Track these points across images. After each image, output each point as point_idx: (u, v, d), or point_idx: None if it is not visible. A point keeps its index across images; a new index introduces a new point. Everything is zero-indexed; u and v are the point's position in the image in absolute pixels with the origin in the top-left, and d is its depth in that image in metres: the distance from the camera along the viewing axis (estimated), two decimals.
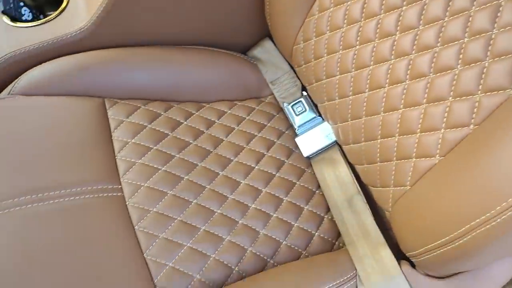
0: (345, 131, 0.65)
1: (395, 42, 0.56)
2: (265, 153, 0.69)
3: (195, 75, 0.74)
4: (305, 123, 0.73)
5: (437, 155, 0.51)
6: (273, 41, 0.80)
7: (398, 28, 0.55)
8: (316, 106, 0.74)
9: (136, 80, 0.71)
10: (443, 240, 0.47)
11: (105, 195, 0.59)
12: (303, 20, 0.68)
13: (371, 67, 0.59)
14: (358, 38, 0.60)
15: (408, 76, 0.54)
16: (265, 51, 0.81)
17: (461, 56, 0.49)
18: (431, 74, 0.52)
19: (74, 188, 0.58)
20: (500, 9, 0.46)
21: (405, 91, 0.54)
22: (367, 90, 0.59)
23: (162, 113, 0.69)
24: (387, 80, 0.57)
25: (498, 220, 0.41)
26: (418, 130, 0.53)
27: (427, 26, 0.52)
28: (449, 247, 0.47)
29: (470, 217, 0.44)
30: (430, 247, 0.50)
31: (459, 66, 0.49)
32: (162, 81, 0.72)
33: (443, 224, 0.47)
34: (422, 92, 0.52)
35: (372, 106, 0.59)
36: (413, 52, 0.54)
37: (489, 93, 0.47)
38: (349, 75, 0.62)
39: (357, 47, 0.61)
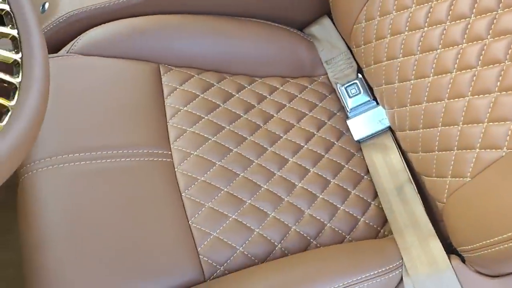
0: (402, 116, 0.62)
1: (469, 25, 0.53)
2: (315, 132, 0.68)
3: (249, 49, 0.73)
4: (358, 106, 0.71)
5: (505, 147, 0.48)
6: (332, 20, 0.78)
7: (474, 10, 0.52)
8: (371, 89, 0.71)
9: (191, 49, 0.70)
10: (504, 236, 0.45)
11: (155, 159, 0.59)
12: None
13: (438, 50, 0.56)
14: (427, 20, 0.57)
15: (480, 62, 0.51)
16: (323, 29, 0.78)
17: None
18: (506, 61, 0.49)
19: (125, 149, 0.58)
20: None
21: (474, 77, 0.52)
22: (431, 74, 0.57)
23: (215, 83, 0.68)
24: (456, 66, 0.54)
25: None
26: (486, 119, 0.50)
27: (506, 9, 0.49)
28: (509, 244, 0.45)
29: None
30: (488, 242, 0.47)
31: None
32: (217, 52, 0.71)
33: (506, 219, 0.45)
34: (495, 80, 0.49)
35: (435, 91, 0.56)
36: (489, 37, 0.50)
37: None
38: (413, 58, 0.59)
39: (425, 29, 0.58)
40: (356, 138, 0.69)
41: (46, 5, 0.72)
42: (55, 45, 0.68)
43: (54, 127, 0.59)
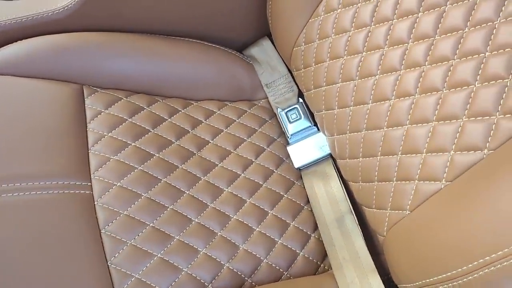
0: (341, 144, 0.59)
1: (407, 51, 0.51)
2: (253, 160, 0.64)
3: (184, 70, 0.68)
4: (298, 131, 0.68)
5: (444, 180, 0.46)
6: (272, 41, 0.75)
7: (412, 36, 0.50)
8: (312, 114, 0.69)
9: (120, 69, 0.65)
10: (444, 275, 0.42)
11: (71, 192, 0.53)
12: (307, 20, 0.63)
13: (377, 76, 0.54)
14: (366, 44, 0.55)
15: (418, 89, 0.49)
16: (262, 51, 0.75)
17: (480, 72, 0.44)
18: (444, 89, 0.47)
19: (37, 181, 0.52)
20: None
21: (413, 105, 0.49)
22: (370, 101, 0.54)
23: (145, 107, 0.63)
24: (394, 92, 0.51)
25: None
26: (424, 149, 0.48)
27: (444, 36, 0.47)
28: (450, 284, 0.42)
29: (478, 253, 0.39)
30: (428, 282, 0.44)
31: (477, 82, 0.44)
32: (148, 73, 0.66)
33: (446, 257, 0.42)
34: (433, 108, 0.47)
35: (374, 119, 0.53)
36: (426, 63, 0.49)
37: (509, 115, 0.42)
38: (352, 83, 0.57)
39: (364, 53, 0.55)
40: (296, 165, 0.66)
41: None
42: None
43: None
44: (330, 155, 0.66)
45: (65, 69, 0.62)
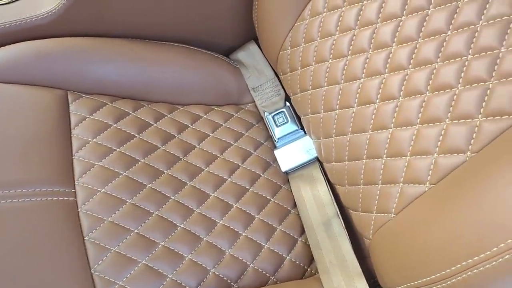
0: (327, 147, 0.59)
1: (391, 55, 0.51)
2: (240, 164, 0.63)
3: (170, 75, 0.68)
4: (285, 135, 0.68)
5: (428, 182, 0.46)
6: (259, 45, 0.75)
7: (395, 39, 0.50)
8: (299, 118, 0.69)
9: (105, 74, 0.64)
10: (428, 278, 0.42)
11: (54, 199, 0.52)
12: (292, 24, 0.63)
13: (362, 80, 0.54)
14: (351, 48, 0.55)
15: (402, 92, 0.49)
16: (249, 55, 0.75)
17: (462, 74, 0.44)
18: (427, 92, 0.47)
19: (20, 189, 0.51)
20: (511, 26, 0.41)
21: (397, 108, 0.49)
22: (355, 104, 0.54)
23: (130, 112, 0.63)
24: (379, 96, 0.51)
25: (497, 261, 0.36)
26: (409, 152, 0.48)
27: (427, 39, 0.47)
28: (436, 287, 0.42)
29: (462, 256, 0.39)
30: (412, 285, 0.44)
31: (459, 85, 0.44)
32: (133, 78, 0.66)
33: (430, 260, 0.42)
34: (416, 111, 0.47)
35: (359, 122, 0.53)
36: (410, 66, 0.49)
37: (491, 118, 0.42)
38: (337, 86, 0.57)
39: (349, 57, 0.55)
40: (283, 169, 0.65)
41: None
42: None
43: None
44: (317, 159, 0.66)
45: (49, 75, 0.61)
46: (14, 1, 0.65)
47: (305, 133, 0.67)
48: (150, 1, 0.65)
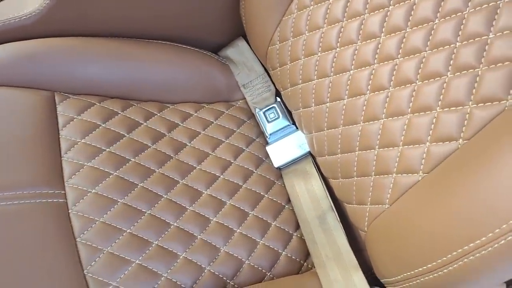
0: (320, 141, 0.59)
1: (380, 45, 0.50)
2: (232, 161, 0.63)
3: (159, 73, 0.67)
4: (277, 131, 0.68)
5: (421, 171, 0.45)
6: (247, 41, 0.74)
7: (384, 29, 0.50)
8: (290, 113, 0.68)
9: (92, 74, 0.63)
10: (425, 267, 0.42)
11: (44, 201, 0.51)
12: (280, 18, 0.63)
13: (351, 71, 0.53)
14: (339, 40, 0.55)
15: (392, 82, 0.49)
16: (238, 51, 0.75)
17: (451, 62, 0.44)
18: (417, 81, 0.47)
19: (8, 192, 0.50)
20: (498, 11, 0.41)
21: (388, 99, 0.49)
22: (346, 96, 0.54)
23: (119, 111, 0.62)
24: (369, 87, 0.51)
25: (493, 247, 0.36)
26: (401, 142, 0.48)
27: (415, 28, 0.47)
28: (431, 276, 0.42)
29: (457, 243, 0.39)
30: (409, 274, 0.44)
31: (449, 73, 0.44)
32: (121, 77, 0.65)
33: (425, 249, 0.42)
34: (407, 100, 0.47)
35: (350, 114, 0.53)
36: (399, 56, 0.48)
37: (481, 105, 0.42)
38: (327, 79, 0.57)
39: (338, 49, 0.55)
40: (276, 165, 0.65)
41: None
42: None
43: None
44: (310, 153, 0.65)
45: (34, 76, 0.60)
46: None
47: (297, 128, 0.67)
48: (137, 3, 0.64)
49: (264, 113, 0.69)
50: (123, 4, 0.64)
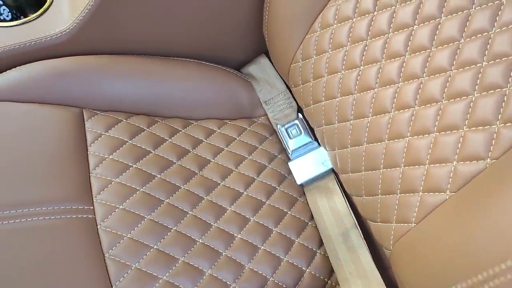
0: (343, 158, 0.59)
1: (404, 64, 0.51)
2: (255, 177, 0.64)
3: (183, 90, 0.69)
4: (299, 147, 0.68)
5: (448, 190, 0.45)
6: (269, 58, 0.75)
7: (408, 48, 0.51)
8: (312, 129, 0.69)
9: (118, 91, 0.65)
10: (453, 287, 0.42)
11: (73, 216, 0.52)
12: (303, 36, 0.64)
13: (375, 89, 0.54)
14: (363, 58, 0.56)
15: (417, 101, 0.49)
16: (260, 68, 0.76)
17: (478, 81, 0.44)
18: (443, 100, 0.47)
19: (38, 207, 0.51)
20: None
21: (413, 117, 0.49)
22: (370, 114, 0.54)
23: (145, 128, 0.63)
24: (394, 105, 0.52)
25: None
26: (427, 161, 0.48)
27: (440, 47, 0.48)
28: None
29: (488, 263, 0.39)
30: None
31: (475, 92, 0.44)
32: (147, 94, 0.66)
33: (454, 269, 0.42)
34: (433, 119, 0.47)
35: (375, 132, 0.53)
36: (424, 75, 0.49)
37: (509, 124, 0.42)
38: (351, 97, 0.57)
39: (362, 67, 0.56)
40: (298, 181, 0.65)
41: None
42: None
43: None
44: (332, 170, 0.66)
45: (64, 93, 0.62)
46: (27, 22, 0.66)
47: (319, 144, 0.67)
48: (160, 20, 0.66)
49: (286, 129, 0.70)
50: (148, 24, 0.66)
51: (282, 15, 0.66)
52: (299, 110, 0.71)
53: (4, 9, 0.68)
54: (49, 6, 0.67)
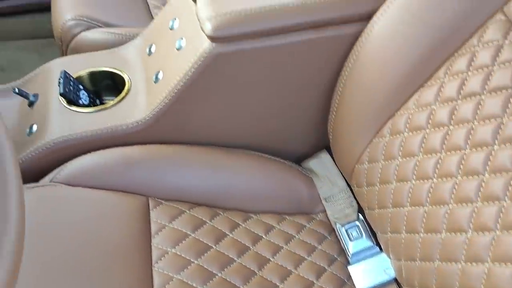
0: (410, 271, 0.57)
1: (483, 183, 0.50)
2: (314, 281, 0.61)
3: (244, 182, 0.69)
4: (359, 251, 0.66)
5: None
6: (331, 154, 0.75)
7: (488, 167, 0.50)
8: (373, 233, 0.67)
9: (183, 181, 0.66)
10: None
11: None
12: (370, 139, 0.64)
13: (450, 205, 0.52)
14: (437, 171, 0.55)
15: (498, 225, 0.47)
16: (321, 164, 0.76)
17: None
18: (506, 199, 0.45)
19: None
20: None
21: (493, 241, 0.47)
22: (443, 230, 0.53)
23: (207, 221, 0.63)
24: (471, 225, 0.50)
25: None
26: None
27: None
28: None
29: None
30: None
31: None
32: (209, 185, 0.67)
33: None
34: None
35: (449, 251, 0.51)
36: (506, 198, 0.47)
37: None
38: (421, 208, 0.56)
39: (435, 180, 0.55)
40: None
41: (34, 127, 0.69)
42: (38, 172, 0.64)
43: (26, 268, 0.52)
44: (395, 279, 0.63)
45: (133, 181, 0.63)
46: (104, 109, 0.69)
47: (381, 249, 0.65)
48: (229, 116, 0.68)
49: (346, 230, 0.68)
50: (217, 118, 0.68)
51: (351, 114, 0.66)
52: (360, 210, 0.70)
53: (83, 94, 0.71)
54: (126, 95, 0.70)
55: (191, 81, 0.64)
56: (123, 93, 0.70)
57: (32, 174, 0.64)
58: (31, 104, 0.73)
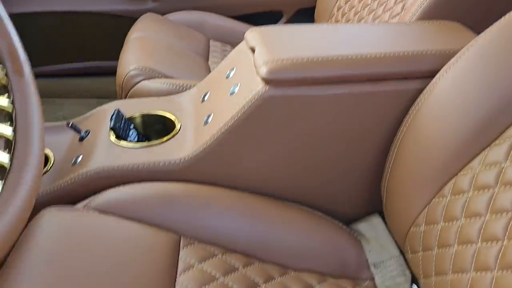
0: None
1: None
2: None
3: (287, 236, 0.64)
4: None
5: None
6: (382, 218, 0.69)
7: None
8: None
9: (221, 225, 0.62)
10: None
11: None
12: (429, 199, 0.58)
13: None
14: (507, 233, 0.47)
15: None
16: (371, 227, 0.69)
17: None
18: None
19: None
20: None
21: None
22: None
23: (239, 268, 0.58)
24: None
25: None
26: None
27: None
28: None
29: None
30: None
31: None
32: (249, 233, 0.62)
33: None
34: None
35: None
36: None
37: None
38: (489, 274, 0.48)
39: (504, 242, 0.47)
40: None
41: (79, 159, 0.69)
42: (76, 198, 0.62)
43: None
44: None
45: (167, 217, 0.60)
46: (149, 146, 0.68)
47: None
48: (275, 164, 0.65)
49: None
50: (263, 165, 0.65)
51: (407, 173, 0.61)
52: (414, 280, 0.62)
53: (132, 132, 0.72)
54: (174, 135, 0.69)
55: (240, 122, 0.63)
56: (171, 134, 0.70)
57: (70, 200, 0.63)
58: (81, 139, 0.74)
